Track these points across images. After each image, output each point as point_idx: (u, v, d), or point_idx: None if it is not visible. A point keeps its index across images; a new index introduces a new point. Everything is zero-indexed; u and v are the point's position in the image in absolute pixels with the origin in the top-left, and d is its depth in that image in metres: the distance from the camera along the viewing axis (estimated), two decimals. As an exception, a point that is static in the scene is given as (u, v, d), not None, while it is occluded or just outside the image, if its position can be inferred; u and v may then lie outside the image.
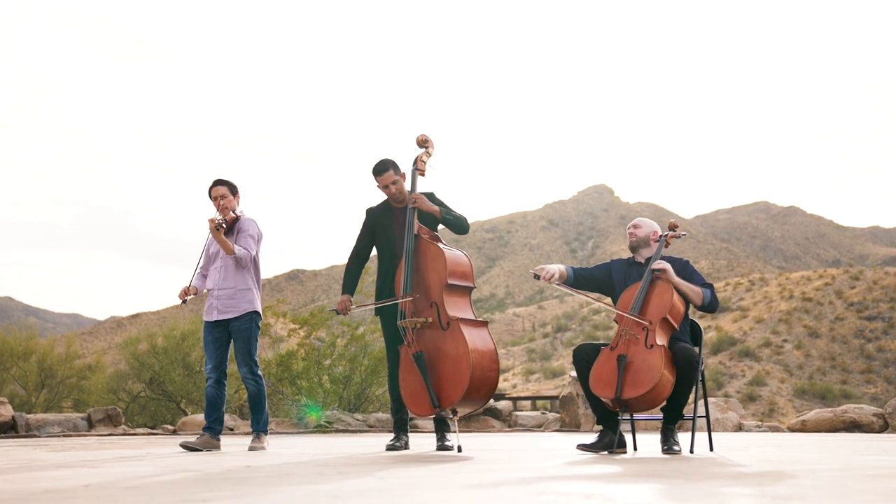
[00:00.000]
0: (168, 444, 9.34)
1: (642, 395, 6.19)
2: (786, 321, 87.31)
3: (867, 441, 9.59)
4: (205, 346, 7.96)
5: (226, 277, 7.86)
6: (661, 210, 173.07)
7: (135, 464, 5.62)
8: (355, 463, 5.57)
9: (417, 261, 7.14)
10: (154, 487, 3.74)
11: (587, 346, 6.78)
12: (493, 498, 3.21)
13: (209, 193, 7.99)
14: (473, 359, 6.60)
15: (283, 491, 3.54)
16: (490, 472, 4.54)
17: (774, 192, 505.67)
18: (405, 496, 3.31)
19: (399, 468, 5.01)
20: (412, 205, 7.29)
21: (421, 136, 7.58)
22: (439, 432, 7.60)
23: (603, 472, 4.50)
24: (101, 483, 3.95)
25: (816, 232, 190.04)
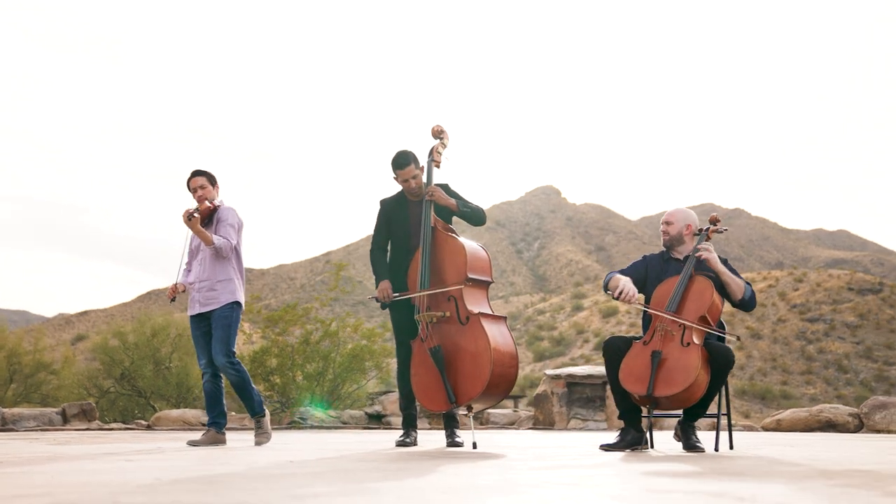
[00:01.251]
0: (157, 438, 9.15)
1: (675, 395, 6.08)
2: (729, 322, 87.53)
3: (858, 440, 9.66)
4: (194, 341, 7.79)
5: (206, 269, 7.67)
6: (608, 211, 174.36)
7: (161, 458, 5.45)
8: (404, 458, 5.45)
9: (435, 254, 7.03)
10: (233, 483, 3.61)
11: (618, 338, 6.64)
12: (618, 498, 3.11)
13: (187, 185, 7.80)
14: (494, 355, 6.49)
15: (384, 486, 3.42)
16: (576, 469, 4.43)
17: (720, 195, 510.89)
18: (537, 495, 3.21)
19: (484, 465, 4.87)
20: (428, 198, 7.16)
21: (436, 127, 7.45)
22: (448, 428, 7.43)
23: (689, 471, 4.36)
24: (175, 478, 3.80)
25: (761, 234, 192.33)
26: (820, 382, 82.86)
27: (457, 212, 7.27)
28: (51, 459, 5.31)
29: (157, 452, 6.19)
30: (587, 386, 14.70)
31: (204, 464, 4.81)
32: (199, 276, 7.69)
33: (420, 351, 6.93)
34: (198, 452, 6.23)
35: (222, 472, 4.17)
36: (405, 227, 7.38)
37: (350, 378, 15.65)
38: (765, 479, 3.76)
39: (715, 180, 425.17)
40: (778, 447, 7.43)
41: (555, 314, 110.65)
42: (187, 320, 7.97)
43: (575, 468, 4.48)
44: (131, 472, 4.13)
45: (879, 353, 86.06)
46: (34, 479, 3.74)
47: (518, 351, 7.07)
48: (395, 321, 7.46)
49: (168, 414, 14.32)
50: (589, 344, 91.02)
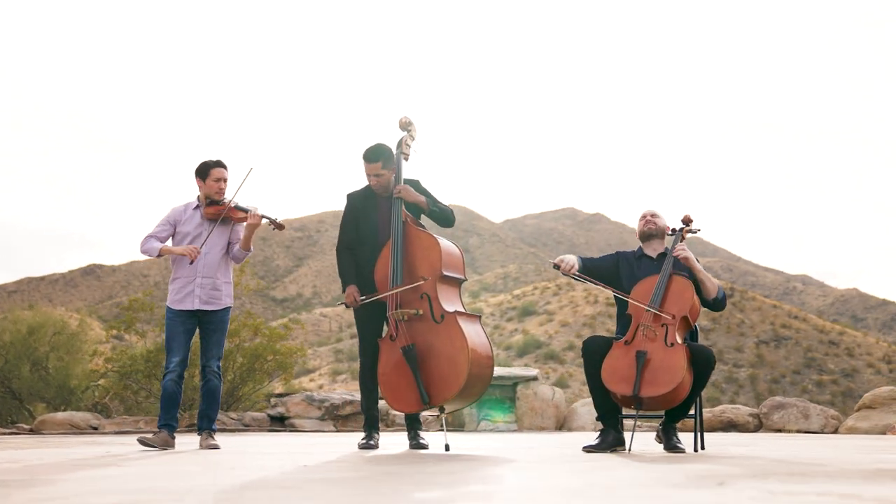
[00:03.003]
0: (68, 443, 8.59)
1: (662, 395, 6.03)
2: (590, 325, 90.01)
3: (783, 440, 9.77)
4: (173, 337, 7.38)
5: (211, 266, 7.40)
6: (472, 213, 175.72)
7: (168, 463, 5.03)
8: (410, 462, 5.15)
9: (407, 250, 6.76)
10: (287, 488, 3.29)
11: (598, 338, 6.56)
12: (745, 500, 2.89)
13: (208, 173, 7.45)
14: (472, 355, 6.30)
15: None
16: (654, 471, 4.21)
17: (581, 199, 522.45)
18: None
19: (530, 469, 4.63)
20: (396, 195, 6.91)
21: (404, 119, 7.18)
22: (412, 430, 7.20)
23: (741, 473, 4.21)
24: (238, 485, 3.44)
25: (619, 239, 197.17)
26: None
27: (426, 210, 7.05)
28: (60, 468, 4.82)
29: (145, 458, 5.72)
30: (497, 387, 14.54)
31: (233, 470, 4.43)
32: (203, 272, 7.36)
33: (389, 350, 6.69)
34: (207, 457, 5.84)
35: (274, 476, 3.84)
36: (373, 223, 7.08)
37: (253, 378, 15.17)
38: (841, 477, 3.70)
39: (576, 185, 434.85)
40: (732, 447, 7.41)
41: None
42: (64, 318, 7.56)
43: (643, 471, 4.26)
44: (167, 478, 3.75)
45: (730, 355, 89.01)
46: (100, 485, 3.35)
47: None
48: (361, 319, 7.15)
49: (53, 417, 13.62)
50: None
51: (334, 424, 14.48)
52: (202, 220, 7.42)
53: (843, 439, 10.03)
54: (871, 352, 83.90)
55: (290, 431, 13.84)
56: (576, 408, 15.14)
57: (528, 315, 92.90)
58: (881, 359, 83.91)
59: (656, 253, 6.80)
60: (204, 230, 7.39)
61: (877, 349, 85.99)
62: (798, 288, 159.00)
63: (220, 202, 7.42)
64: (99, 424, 13.49)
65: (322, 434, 12.81)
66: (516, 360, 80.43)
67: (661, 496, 2.99)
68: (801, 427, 13.26)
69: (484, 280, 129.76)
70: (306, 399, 14.57)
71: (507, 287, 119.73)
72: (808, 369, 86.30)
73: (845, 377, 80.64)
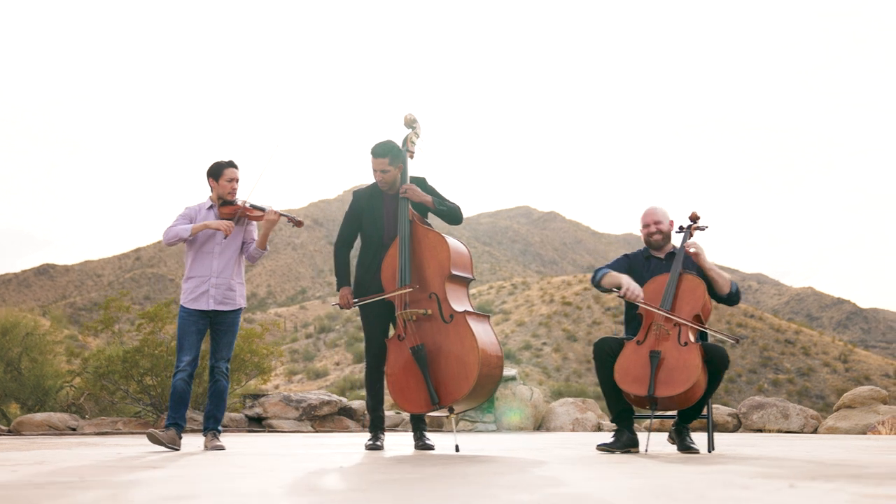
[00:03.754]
0: (67, 444, 8.44)
1: (677, 395, 6.02)
2: (545, 324, 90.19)
3: (772, 440, 9.83)
4: (185, 336, 7.35)
5: (227, 266, 7.41)
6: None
7: (194, 465, 4.94)
8: (435, 462, 5.10)
9: (414, 249, 6.71)
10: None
11: (609, 339, 6.54)
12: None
13: (221, 173, 7.45)
14: (482, 355, 6.26)
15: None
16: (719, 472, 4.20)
17: (536, 198, 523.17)
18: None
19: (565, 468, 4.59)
20: (402, 194, 6.86)
21: (409, 116, 7.15)
22: (417, 431, 7.18)
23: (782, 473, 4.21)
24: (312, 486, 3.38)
25: (574, 237, 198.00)
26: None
27: (433, 209, 7.02)
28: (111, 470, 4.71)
29: (175, 459, 5.62)
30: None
31: (273, 472, 4.35)
32: (217, 271, 7.35)
33: (397, 350, 6.65)
34: (232, 458, 5.75)
35: (333, 478, 3.78)
36: (378, 221, 7.04)
37: (231, 378, 14.99)
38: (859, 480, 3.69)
39: (531, 184, 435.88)
40: (739, 448, 7.43)
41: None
42: (36, 319, 7.49)
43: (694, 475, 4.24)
44: (224, 479, 3.67)
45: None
46: (172, 487, 3.28)
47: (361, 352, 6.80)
48: (367, 319, 7.10)
49: (31, 418, 13.47)
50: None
51: (312, 425, 14.41)
52: (216, 221, 7.39)
53: (837, 439, 10.11)
54: (827, 350, 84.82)
55: (269, 432, 13.76)
56: (553, 408, 15.16)
57: (484, 315, 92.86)
58: (837, 357, 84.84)
59: (665, 252, 6.80)
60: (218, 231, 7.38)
61: (832, 348, 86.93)
62: (753, 287, 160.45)
63: (233, 202, 7.43)
64: (77, 425, 13.37)
65: (304, 435, 12.73)
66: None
67: (758, 499, 2.95)
68: (782, 427, 13.37)
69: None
70: (283, 400, 14.50)
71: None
72: (764, 368, 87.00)
73: (801, 376, 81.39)
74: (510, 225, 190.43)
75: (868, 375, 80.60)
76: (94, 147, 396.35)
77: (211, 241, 7.36)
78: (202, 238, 7.38)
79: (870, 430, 12.87)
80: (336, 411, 15.10)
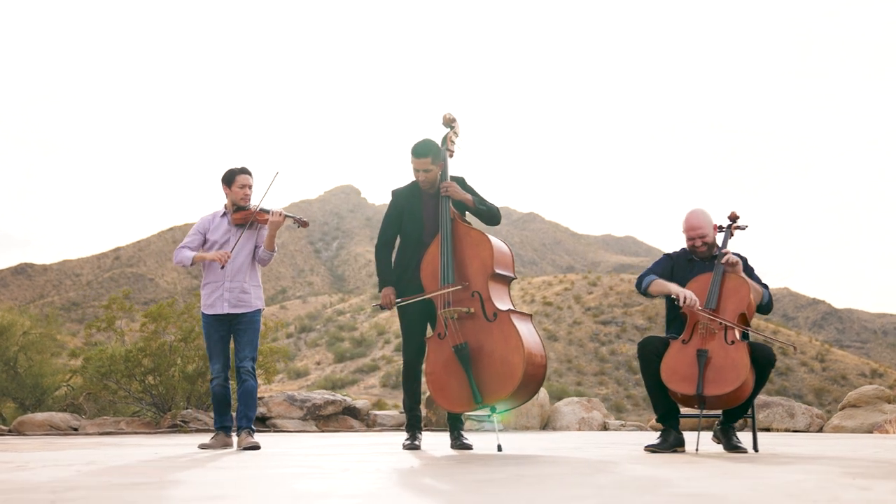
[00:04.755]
0: (87, 444, 8.36)
1: (726, 394, 5.98)
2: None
3: (804, 439, 9.83)
4: (210, 344, 7.57)
5: (240, 270, 7.50)
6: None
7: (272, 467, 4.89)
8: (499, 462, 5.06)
9: (456, 248, 6.65)
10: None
11: (654, 338, 6.49)
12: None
13: (234, 180, 7.57)
14: (527, 355, 6.20)
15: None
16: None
17: (516, 199, 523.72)
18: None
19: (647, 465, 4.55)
20: (443, 193, 6.80)
21: (448, 115, 7.12)
22: (455, 430, 7.10)
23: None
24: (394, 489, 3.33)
25: (553, 238, 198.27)
26: (612, 383, 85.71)
27: (472, 208, 6.95)
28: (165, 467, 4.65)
29: (240, 459, 5.56)
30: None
31: (346, 472, 4.30)
32: (230, 275, 7.44)
33: (438, 348, 6.58)
34: (282, 459, 5.69)
35: (432, 478, 3.73)
36: (418, 221, 6.98)
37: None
38: None
39: (510, 184, 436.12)
40: (779, 447, 7.42)
41: (355, 315, 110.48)
42: (33, 318, 7.50)
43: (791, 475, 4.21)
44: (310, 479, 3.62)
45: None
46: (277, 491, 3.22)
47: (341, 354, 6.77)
48: (407, 317, 7.02)
49: (32, 418, 13.39)
50: (390, 345, 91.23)
51: (316, 424, 14.33)
52: (229, 227, 7.55)
53: (859, 438, 10.12)
54: (805, 350, 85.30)
55: (274, 432, 13.65)
56: (559, 407, 15.15)
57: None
58: (814, 357, 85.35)
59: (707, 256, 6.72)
60: (231, 236, 7.52)
61: (809, 348, 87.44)
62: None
63: (246, 208, 7.52)
64: (79, 425, 13.26)
65: (313, 435, 12.64)
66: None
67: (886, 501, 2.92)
68: (788, 426, 13.39)
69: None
70: (288, 399, 14.42)
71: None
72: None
73: (779, 376, 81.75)
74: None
75: (845, 375, 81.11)
76: (73, 146, 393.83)
77: (224, 248, 7.49)
78: (216, 247, 7.53)
79: (876, 429, 12.91)
80: (340, 411, 15.02)
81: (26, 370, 16.19)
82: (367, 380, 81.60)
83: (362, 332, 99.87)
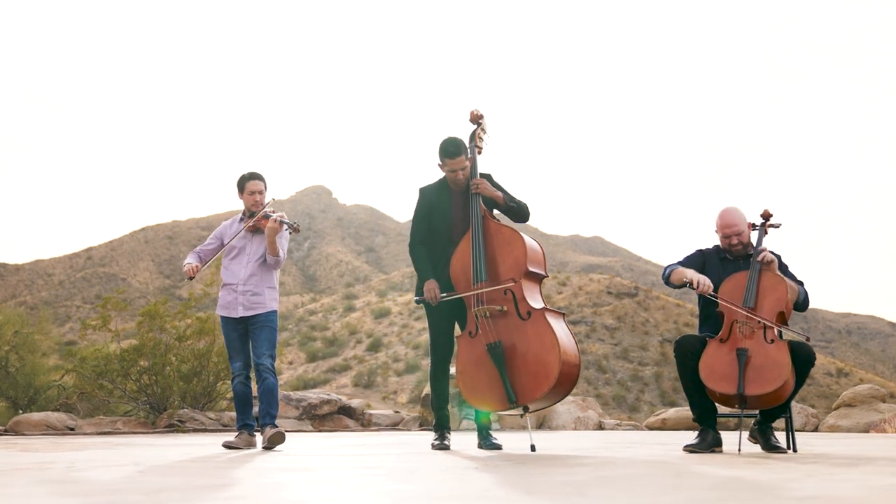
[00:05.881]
0: (90, 443, 8.31)
1: (768, 393, 5.98)
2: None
3: (827, 439, 9.89)
4: (229, 344, 7.69)
5: (253, 273, 7.59)
6: (378, 213, 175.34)
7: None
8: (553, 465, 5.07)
9: (488, 245, 6.63)
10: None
11: (691, 337, 6.47)
12: None
13: (244, 187, 7.72)
14: (563, 354, 6.17)
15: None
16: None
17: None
18: None
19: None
20: (474, 190, 6.78)
21: (475, 112, 7.09)
22: (484, 430, 7.05)
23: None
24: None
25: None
26: (582, 382, 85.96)
27: (503, 206, 6.94)
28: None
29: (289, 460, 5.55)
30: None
31: (412, 473, 4.31)
32: (243, 279, 7.56)
33: (470, 347, 6.53)
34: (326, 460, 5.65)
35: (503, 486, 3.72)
36: (447, 218, 6.95)
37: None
38: None
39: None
40: (811, 448, 7.38)
41: (327, 315, 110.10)
42: (23, 316, 7.53)
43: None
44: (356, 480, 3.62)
45: (634, 353, 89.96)
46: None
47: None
48: (435, 315, 7.00)
49: (28, 418, 13.32)
50: (362, 345, 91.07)
51: (312, 424, 14.31)
52: (245, 233, 7.66)
53: (872, 438, 10.19)
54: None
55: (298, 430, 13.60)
56: (555, 406, 15.19)
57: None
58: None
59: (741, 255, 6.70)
60: (247, 242, 7.66)
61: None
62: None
63: (256, 214, 7.63)
64: (75, 425, 13.19)
65: (309, 434, 12.64)
66: (425, 360, 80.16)
67: None
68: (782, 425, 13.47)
69: (391, 279, 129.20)
70: (284, 399, 14.37)
71: (414, 286, 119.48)
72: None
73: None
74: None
75: (812, 375, 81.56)
76: (44, 145, 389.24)
77: (241, 252, 7.65)
78: (233, 252, 7.70)
79: (873, 428, 13.04)
80: (336, 410, 15.01)
81: (18, 370, 16.06)
82: (340, 379, 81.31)
83: (334, 331, 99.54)
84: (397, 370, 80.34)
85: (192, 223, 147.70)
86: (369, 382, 76.85)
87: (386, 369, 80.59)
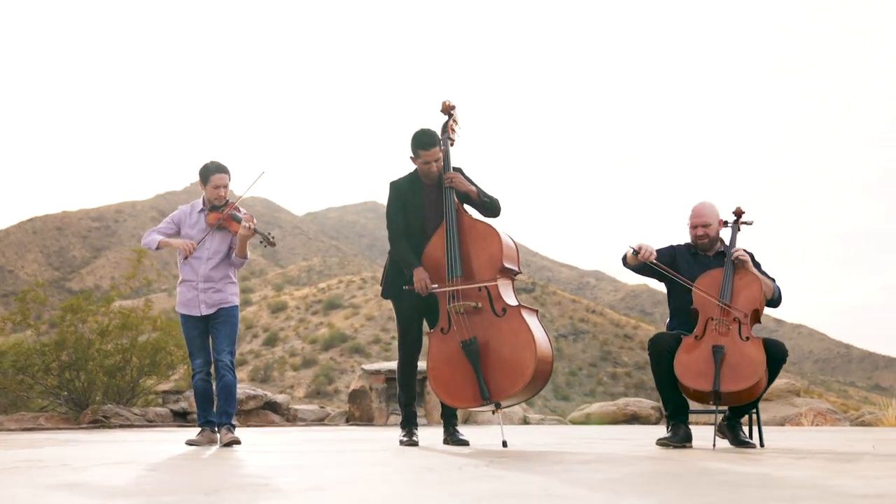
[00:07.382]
0: (92, 440, 8.10)
1: (743, 390, 6.11)
2: (395, 318, 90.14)
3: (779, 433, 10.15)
4: (189, 341, 7.51)
5: (214, 270, 7.36)
6: (274, 206, 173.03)
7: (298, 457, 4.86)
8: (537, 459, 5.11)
9: (462, 240, 6.61)
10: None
11: (665, 335, 6.55)
12: None
13: (208, 179, 7.34)
14: (538, 351, 6.21)
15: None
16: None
17: (382, 193, 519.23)
18: None
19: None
20: (448, 184, 6.76)
21: (447, 102, 7.03)
22: (450, 426, 7.05)
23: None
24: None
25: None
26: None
27: (476, 200, 6.87)
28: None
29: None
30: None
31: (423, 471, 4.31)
32: (205, 275, 7.33)
33: (442, 344, 6.51)
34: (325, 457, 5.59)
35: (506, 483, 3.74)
36: (420, 212, 6.87)
37: (157, 372, 14.54)
38: None
39: (377, 179, 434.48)
40: (776, 442, 7.50)
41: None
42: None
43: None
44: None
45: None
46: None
47: None
48: (403, 311, 6.99)
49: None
50: (258, 339, 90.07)
51: (238, 419, 14.14)
52: (206, 227, 7.36)
53: (819, 432, 10.40)
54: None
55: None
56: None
57: (333, 308, 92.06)
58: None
59: (714, 252, 6.81)
60: (207, 237, 7.34)
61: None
62: (591, 283, 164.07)
63: (220, 208, 7.33)
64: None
65: (249, 430, 12.47)
66: (322, 354, 79.64)
67: None
68: (704, 420, 13.73)
69: (287, 273, 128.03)
70: (208, 394, 14.16)
71: (311, 280, 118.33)
72: (604, 362, 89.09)
73: (638, 370, 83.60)
74: (357, 220, 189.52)
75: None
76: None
77: (200, 246, 7.32)
78: (187, 239, 7.41)
79: (788, 422, 13.44)
80: (261, 405, 14.89)
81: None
82: (237, 374, 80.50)
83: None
84: (294, 364, 79.62)
85: (83, 213, 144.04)
86: (266, 377, 75.98)
87: (283, 364, 79.82)
